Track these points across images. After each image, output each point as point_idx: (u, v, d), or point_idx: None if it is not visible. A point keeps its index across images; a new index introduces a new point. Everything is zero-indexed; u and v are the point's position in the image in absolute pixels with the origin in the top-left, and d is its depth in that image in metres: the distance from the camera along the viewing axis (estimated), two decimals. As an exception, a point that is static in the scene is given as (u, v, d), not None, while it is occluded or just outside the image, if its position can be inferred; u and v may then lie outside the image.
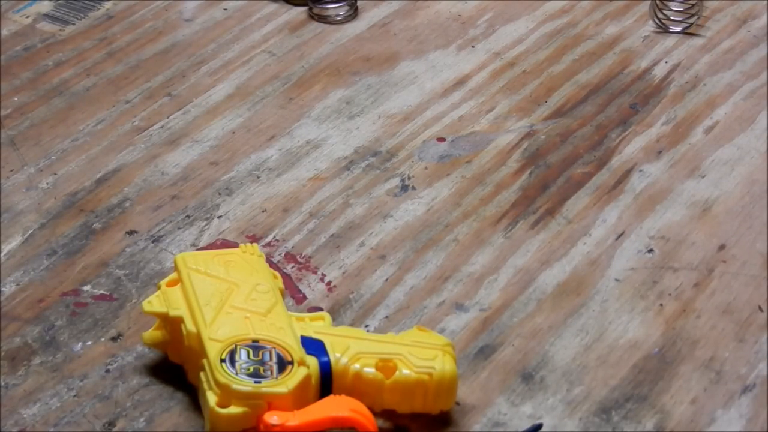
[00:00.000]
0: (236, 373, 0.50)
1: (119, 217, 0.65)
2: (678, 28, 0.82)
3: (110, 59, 0.79)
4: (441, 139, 0.71)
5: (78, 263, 0.62)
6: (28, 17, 0.84)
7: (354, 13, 0.83)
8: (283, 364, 0.50)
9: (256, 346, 0.51)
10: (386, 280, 0.61)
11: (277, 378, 0.50)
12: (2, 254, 0.62)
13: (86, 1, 0.85)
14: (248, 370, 0.50)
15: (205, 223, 0.65)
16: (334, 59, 0.79)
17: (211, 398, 0.49)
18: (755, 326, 0.58)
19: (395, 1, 0.85)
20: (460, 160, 0.70)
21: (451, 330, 0.58)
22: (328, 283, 0.61)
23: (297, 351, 0.51)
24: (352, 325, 0.58)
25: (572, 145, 0.71)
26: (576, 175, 0.68)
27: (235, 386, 0.49)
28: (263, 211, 0.66)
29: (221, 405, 0.49)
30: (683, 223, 0.65)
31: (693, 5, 0.81)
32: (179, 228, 0.64)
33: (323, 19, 0.82)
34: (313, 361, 0.51)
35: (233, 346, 0.51)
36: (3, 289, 0.60)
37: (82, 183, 0.68)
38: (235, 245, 0.63)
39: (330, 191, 0.67)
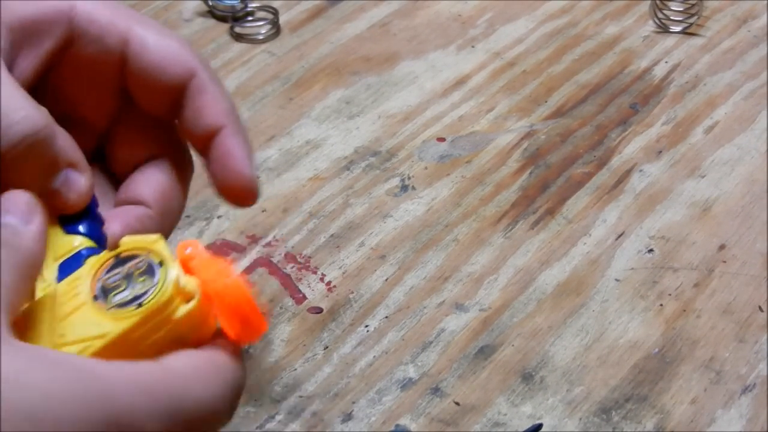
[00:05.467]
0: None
1: (119, 217, 0.65)
2: (678, 28, 0.82)
3: (110, 59, 0.79)
4: (441, 139, 0.71)
5: (78, 263, 0.62)
6: (28, 17, 0.84)
7: (276, 31, 0.81)
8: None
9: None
10: (386, 280, 0.61)
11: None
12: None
13: (86, 1, 0.85)
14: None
15: (205, 223, 0.65)
16: (334, 59, 0.79)
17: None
18: (755, 326, 0.58)
19: (395, 1, 0.85)
20: (460, 160, 0.70)
21: (451, 330, 0.58)
22: (328, 283, 0.61)
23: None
24: (352, 325, 0.58)
25: (572, 145, 0.71)
26: (576, 175, 0.68)
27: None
28: (263, 211, 0.66)
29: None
30: (683, 223, 0.65)
31: (693, 5, 0.81)
32: (179, 228, 0.64)
33: (242, 38, 0.81)
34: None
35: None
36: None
37: (82, 183, 0.68)
38: (236, 245, 0.63)
39: (330, 191, 0.67)
